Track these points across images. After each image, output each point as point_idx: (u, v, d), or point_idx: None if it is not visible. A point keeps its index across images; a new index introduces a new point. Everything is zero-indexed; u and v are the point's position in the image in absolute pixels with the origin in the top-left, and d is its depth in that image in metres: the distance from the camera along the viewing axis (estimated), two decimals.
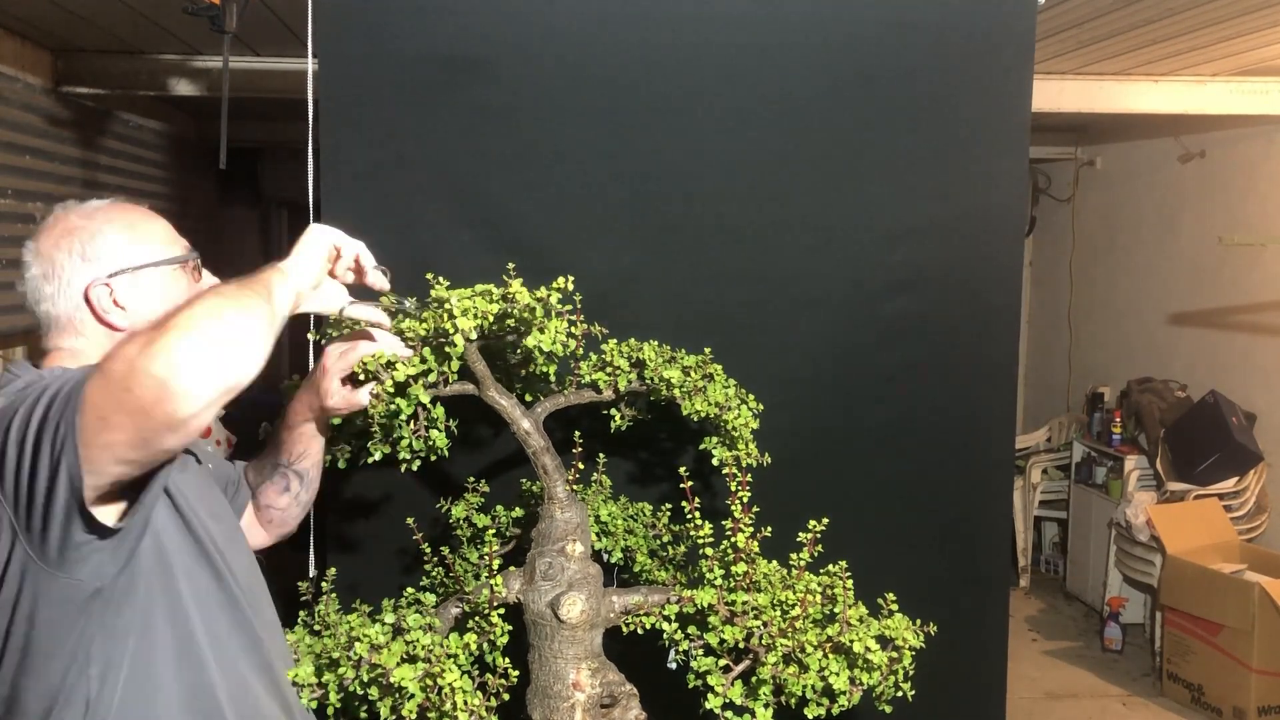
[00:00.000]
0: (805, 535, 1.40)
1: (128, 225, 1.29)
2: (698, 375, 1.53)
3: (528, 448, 1.43)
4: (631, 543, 1.66)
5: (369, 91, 1.78)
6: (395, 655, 1.27)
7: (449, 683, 1.25)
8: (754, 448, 1.54)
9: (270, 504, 1.51)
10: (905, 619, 1.41)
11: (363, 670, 1.28)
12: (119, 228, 1.27)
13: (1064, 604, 5.24)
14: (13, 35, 3.39)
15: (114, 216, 1.29)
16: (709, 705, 1.29)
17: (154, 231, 1.32)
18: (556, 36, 1.80)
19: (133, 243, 1.27)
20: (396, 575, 1.79)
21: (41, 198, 3.53)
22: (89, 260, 1.24)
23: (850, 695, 1.30)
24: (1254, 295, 4.48)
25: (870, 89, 1.88)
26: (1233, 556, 4.15)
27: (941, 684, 1.48)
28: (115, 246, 1.25)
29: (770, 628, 1.31)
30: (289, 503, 1.51)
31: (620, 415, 1.60)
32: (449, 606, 1.49)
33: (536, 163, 1.82)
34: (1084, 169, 5.85)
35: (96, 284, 1.23)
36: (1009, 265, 2.00)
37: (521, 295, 1.27)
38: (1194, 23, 3.15)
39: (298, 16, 2.03)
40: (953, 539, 1.99)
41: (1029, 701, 4.08)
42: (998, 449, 2.03)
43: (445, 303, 1.30)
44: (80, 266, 1.24)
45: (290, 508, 1.52)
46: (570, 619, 1.36)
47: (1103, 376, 5.51)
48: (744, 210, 1.88)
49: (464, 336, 1.27)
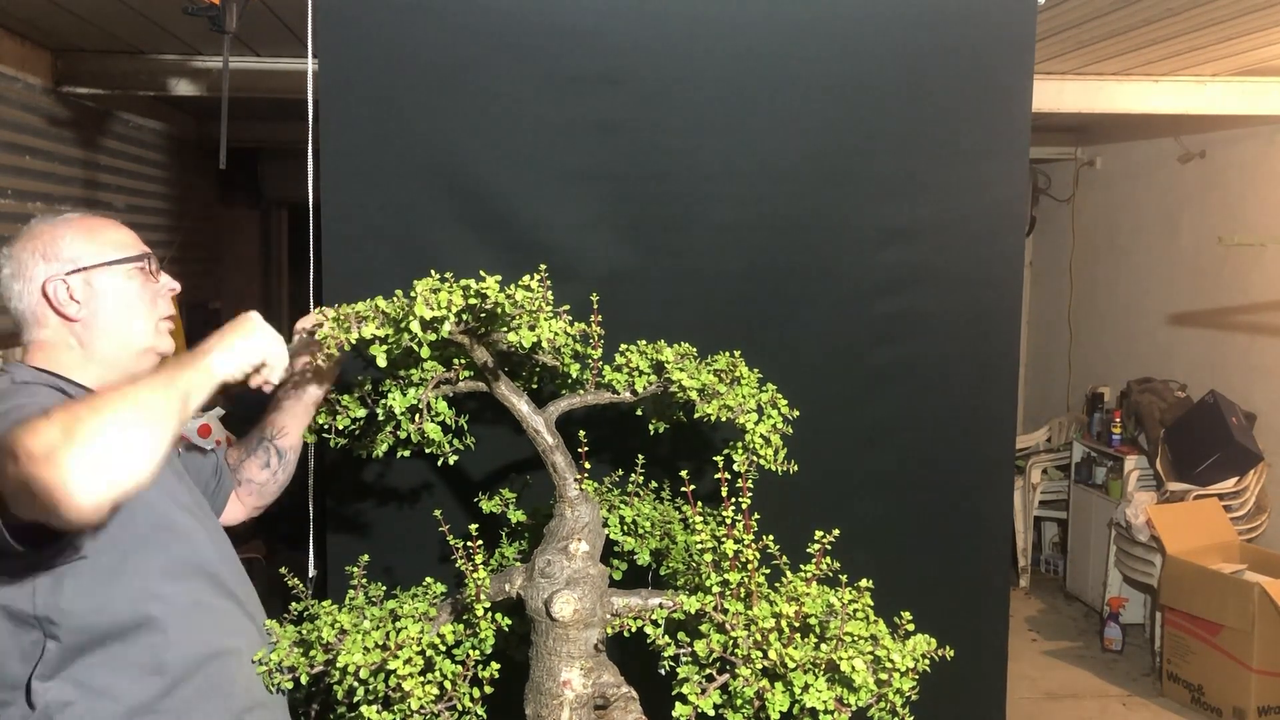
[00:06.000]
0: (814, 546, 1.38)
1: (86, 230, 1.44)
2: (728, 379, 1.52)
3: (538, 446, 1.44)
4: (664, 545, 1.63)
5: (369, 91, 1.78)
6: (355, 641, 1.32)
7: (394, 669, 1.29)
8: (775, 454, 1.50)
9: (251, 477, 1.65)
10: (923, 639, 1.35)
11: (316, 654, 1.34)
12: (78, 231, 1.43)
13: (1064, 604, 5.25)
14: (13, 35, 3.40)
15: (75, 224, 1.44)
16: (676, 715, 1.26)
17: (111, 237, 1.45)
18: (557, 37, 1.80)
19: (89, 245, 1.42)
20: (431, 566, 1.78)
21: (41, 198, 3.53)
22: (49, 260, 1.39)
23: (836, 716, 1.27)
24: (1254, 295, 4.48)
25: (871, 89, 1.88)
26: (1233, 556, 4.15)
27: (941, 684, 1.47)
28: (73, 248, 1.40)
29: (750, 640, 1.28)
30: (267, 478, 1.65)
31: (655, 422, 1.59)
32: (449, 600, 1.49)
33: (537, 162, 1.82)
34: (1084, 169, 5.85)
35: (53, 280, 1.38)
36: (1009, 265, 2.00)
37: (492, 290, 1.27)
38: (1194, 23, 3.15)
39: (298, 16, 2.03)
40: (953, 539, 1.99)
41: (1029, 701, 4.08)
42: (998, 449, 2.03)
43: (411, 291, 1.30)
44: (41, 266, 1.39)
45: (269, 483, 1.66)
46: (562, 617, 1.36)
47: (1103, 376, 5.51)
48: (743, 210, 1.88)
49: (421, 322, 1.26)
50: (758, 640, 1.28)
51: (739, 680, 1.27)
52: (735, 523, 1.35)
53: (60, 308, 1.39)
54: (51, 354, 1.40)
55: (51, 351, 1.40)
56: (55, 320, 1.40)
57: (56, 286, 1.38)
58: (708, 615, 1.33)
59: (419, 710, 1.31)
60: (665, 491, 1.73)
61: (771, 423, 1.51)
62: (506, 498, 1.69)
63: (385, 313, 1.31)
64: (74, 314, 1.39)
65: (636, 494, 1.67)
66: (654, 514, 1.65)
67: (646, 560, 1.61)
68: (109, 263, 1.42)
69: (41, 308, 1.39)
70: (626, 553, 1.61)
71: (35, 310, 1.40)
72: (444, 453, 1.47)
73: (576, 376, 1.53)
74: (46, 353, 1.40)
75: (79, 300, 1.39)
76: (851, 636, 1.32)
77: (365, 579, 1.56)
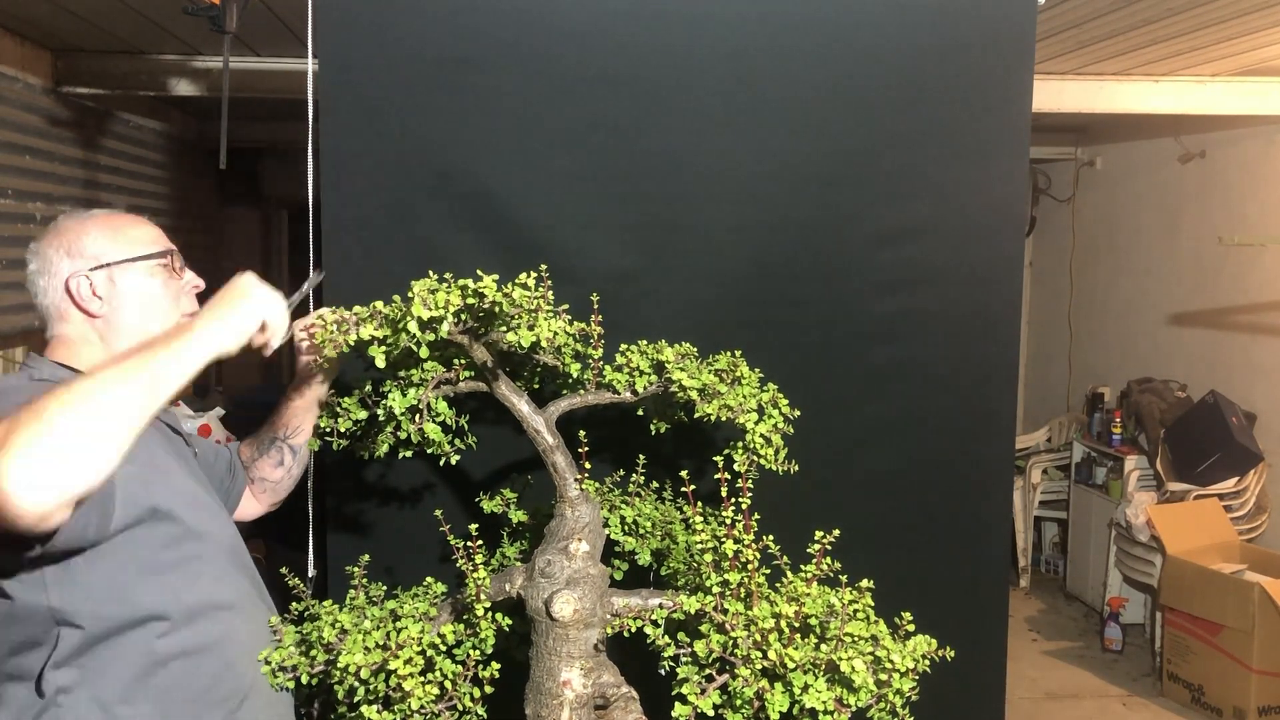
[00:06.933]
0: (814, 546, 1.38)
1: (111, 226, 1.45)
2: (728, 379, 1.52)
3: (538, 446, 1.44)
4: (664, 545, 1.62)
5: (369, 91, 1.78)
6: (356, 641, 1.31)
7: (395, 670, 1.28)
8: (776, 454, 1.50)
9: (265, 476, 1.67)
10: (923, 640, 1.35)
11: (317, 654, 1.34)
12: (102, 228, 1.44)
13: (1064, 604, 5.25)
14: (13, 35, 3.40)
15: (100, 220, 1.46)
16: (676, 715, 1.26)
17: (135, 233, 1.46)
18: (557, 37, 1.80)
19: (113, 242, 1.43)
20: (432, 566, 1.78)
21: (41, 198, 3.53)
22: (73, 256, 1.41)
23: (836, 716, 1.27)
24: (1254, 295, 4.48)
25: (870, 89, 1.88)
26: (1233, 556, 4.15)
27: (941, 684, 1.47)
28: (97, 244, 1.42)
29: (750, 640, 1.28)
30: (281, 475, 1.68)
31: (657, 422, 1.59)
32: (449, 600, 1.49)
33: (537, 162, 1.82)
34: (1084, 169, 5.85)
35: (76, 276, 1.40)
36: (1009, 265, 2.00)
37: (489, 289, 1.27)
38: (1194, 23, 3.15)
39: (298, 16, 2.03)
40: (953, 539, 1.99)
41: (1029, 701, 4.08)
42: (998, 449, 2.03)
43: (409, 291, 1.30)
44: (65, 261, 1.41)
45: (282, 480, 1.69)
46: (562, 617, 1.36)
47: (1103, 376, 5.51)
48: (743, 210, 1.88)
49: (418, 323, 1.26)
50: (758, 640, 1.28)
51: (739, 680, 1.27)
52: (735, 523, 1.35)
53: (83, 303, 1.40)
54: (73, 349, 1.41)
55: (73, 347, 1.41)
56: (78, 316, 1.41)
57: (79, 282, 1.40)
58: (708, 615, 1.33)
59: (419, 710, 1.31)
60: (666, 491, 1.73)
61: (772, 422, 1.51)
62: (507, 498, 1.68)
63: (383, 313, 1.31)
64: (96, 310, 1.41)
65: (637, 494, 1.67)
66: (655, 514, 1.65)
67: (647, 560, 1.61)
68: (132, 259, 1.43)
69: (64, 303, 1.41)
70: (627, 553, 1.61)
71: (59, 305, 1.41)
72: (444, 453, 1.47)
73: (577, 376, 1.53)
74: (69, 348, 1.42)
75: (101, 296, 1.41)
76: (851, 637, 1.32)
77: (366, 579, 1.56)
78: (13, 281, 3.28)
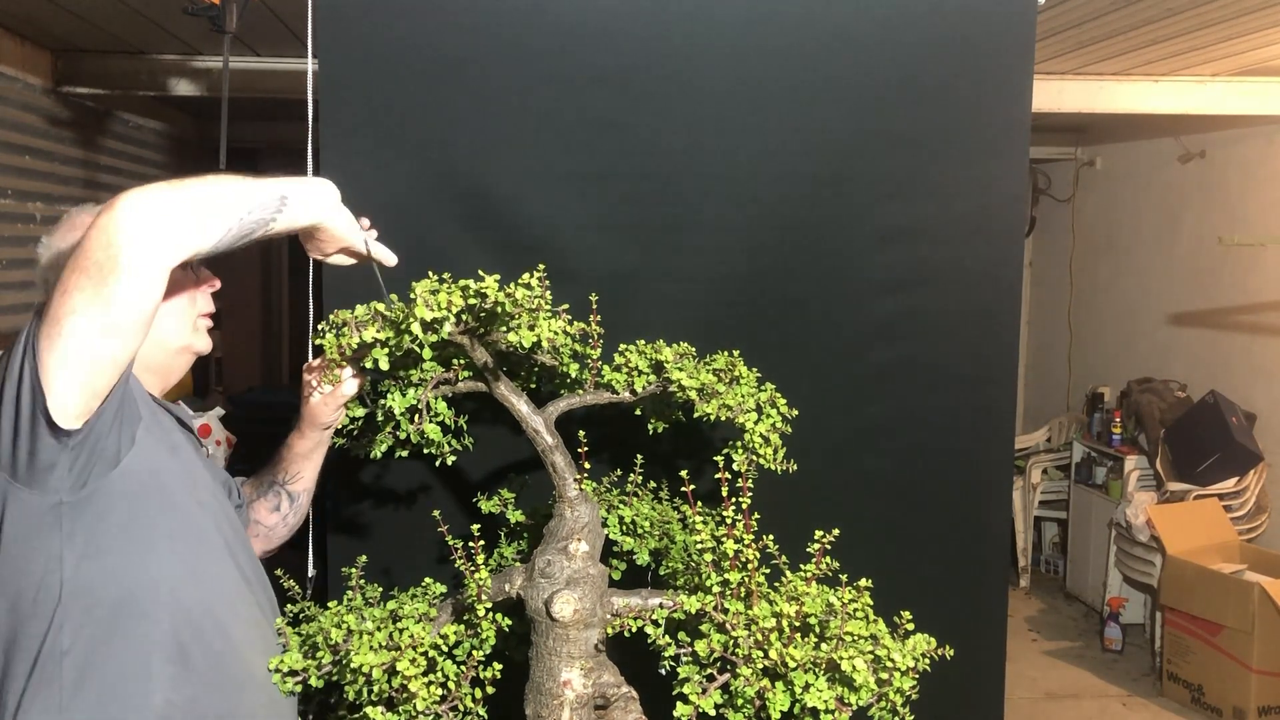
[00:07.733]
0: (814, 546, 1.38)
1: None
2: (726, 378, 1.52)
3: (537, 446, 1.44)
4: (663, 545, 1.62)
5: (369, 91, 1.78)
6: (364, 641, 1.31)
7: (402, 670, 1.28)
8: (775, 454, 1.49)
9: (259, 520, 1.58)
10: (923, 639, 1.35)
11: (323, 655, 1.33)
12: None
13: (1064, 604, 5.25)
14: (13, 35, 3.40)
15: None
16: (677, 715, 1.25)
17: None
18: (557, 36, 1.80)
19: None
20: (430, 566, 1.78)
21: (41, 198, 3.53)
22: None
23: (837, 715, 1.27)
24: (1254, 295, 4.48)
25: (870, 89, 1.88)
26: (1233, 556, 4.15)
27: (941, 684, 1.47)
28: None
29: (750, 639, 1.28)
30: (276, 521, 1.59)
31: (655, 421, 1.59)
32: (449, 600, 1.49)
33: (537, 162, 1.82)
34: (1084, 169, 5.85)
35: None
36: (1009, 265, 2.00)
37: (491, 290, 1.26)
38: (1194, 23, 3.15)
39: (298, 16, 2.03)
40: (952, 539, 1.99)
41: (1029, 701, 4.08)
42: (998, 449, 2.03)
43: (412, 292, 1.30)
44: None
45: (277, 527, 1.59)
46: (563, 617, 1.36)
47: (1103, 376, 5.51)
48: (744, 210, 1.88)
49: (421, 324, 1.26)
50: (758, 640, 1.28)
51: (740, 680, 1.27)
52: (735, 522, 1.35)
53: None
54: None
55: None
56: None
57: None
58: (708, 615, 1.33)
59: (424, 711, 1.31)
60: (664, 491, 1.73)
61: (771, 422, 1.51)
62: (506, 498, 1.68)
63: (384, 316, 1.31)
64: None
65: (636, 494, 1.67)
66: (653, 514, 1.65)
67: (646, 560, 1.61)
68: None
69: None
70: (626, 553, 1.61)
71: None
72: (443, 453, 1.47)
73: (576, 376, 1.53)
74: None
75: None
76: (852, 636, 1.32)
77: (363, 580, 1.56)
78: (13, 281, 3.29)
